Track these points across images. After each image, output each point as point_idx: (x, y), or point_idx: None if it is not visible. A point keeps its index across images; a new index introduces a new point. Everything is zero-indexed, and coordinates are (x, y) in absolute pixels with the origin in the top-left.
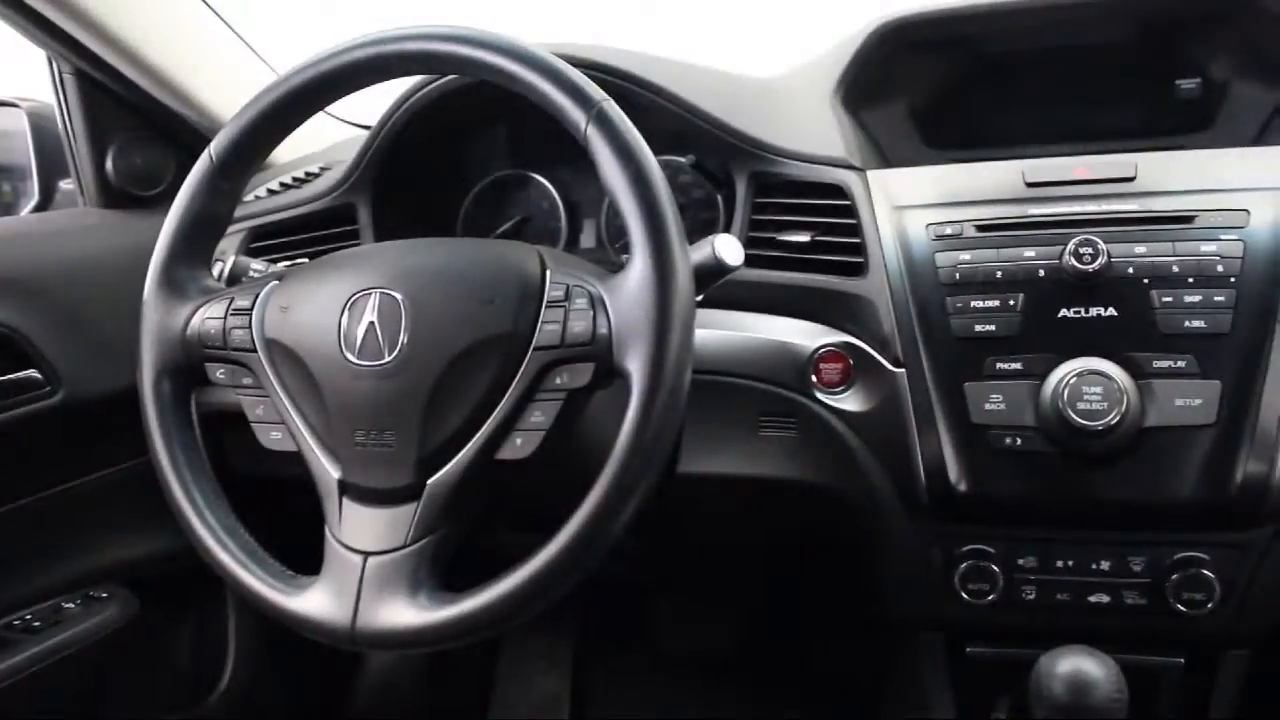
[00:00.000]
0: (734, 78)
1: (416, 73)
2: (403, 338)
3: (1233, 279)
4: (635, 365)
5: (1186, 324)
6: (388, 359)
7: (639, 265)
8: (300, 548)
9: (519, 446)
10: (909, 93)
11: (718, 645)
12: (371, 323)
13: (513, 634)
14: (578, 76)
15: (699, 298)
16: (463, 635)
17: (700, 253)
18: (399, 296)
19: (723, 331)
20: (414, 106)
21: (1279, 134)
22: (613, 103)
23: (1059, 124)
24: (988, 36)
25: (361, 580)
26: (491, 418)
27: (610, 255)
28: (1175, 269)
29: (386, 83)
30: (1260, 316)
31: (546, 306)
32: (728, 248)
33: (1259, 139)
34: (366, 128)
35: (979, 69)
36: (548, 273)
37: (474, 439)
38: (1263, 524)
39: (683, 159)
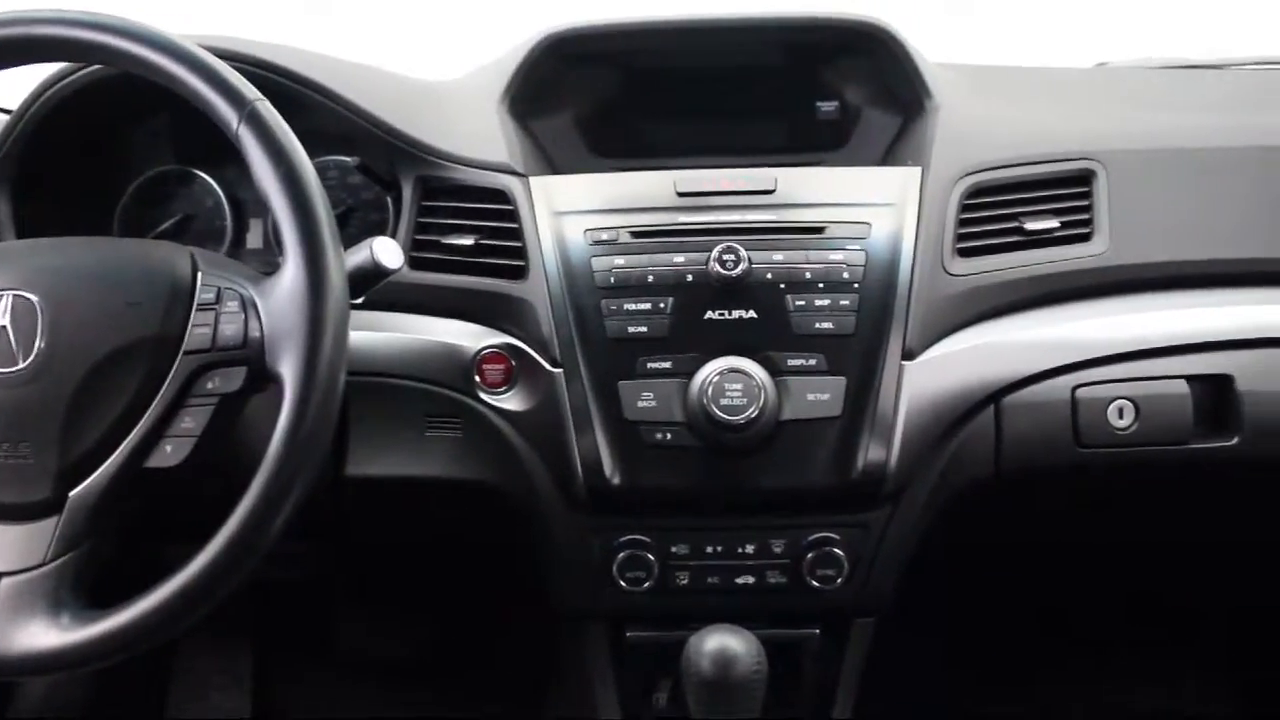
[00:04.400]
0: (402, 80)
1: (54, 59)
2: (39, 343)
3: (856, 285)
4: (288, 369)
5: (817, 325)
6: (21, 365)
7: (291, 268)
8: None
9: (169, 454)
10: (573, 103)
11: (404, 648)
12: (3, 326)
13: (186, 650)
14: (229, 74)
15: (359, 300)
16: (111, 654)
17: (358, 255)
18: (35, 299)
19: (387, 333)
20: (62, 92)
21: (900, 156)
22: (266, 103)
23: (713, 138)
24: (646, 52)
25: None
26: (139, 425)
27: (277, 257)
28: (808, 275)
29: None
30: (879, 318)
31: (197, 309)
32: (386, 251)
33: (884, 159)
34: (8, 112)
35: (639, 83)
36: (199, 274)
37: (120, 448)
38: (882, 505)
39: (350, 160)
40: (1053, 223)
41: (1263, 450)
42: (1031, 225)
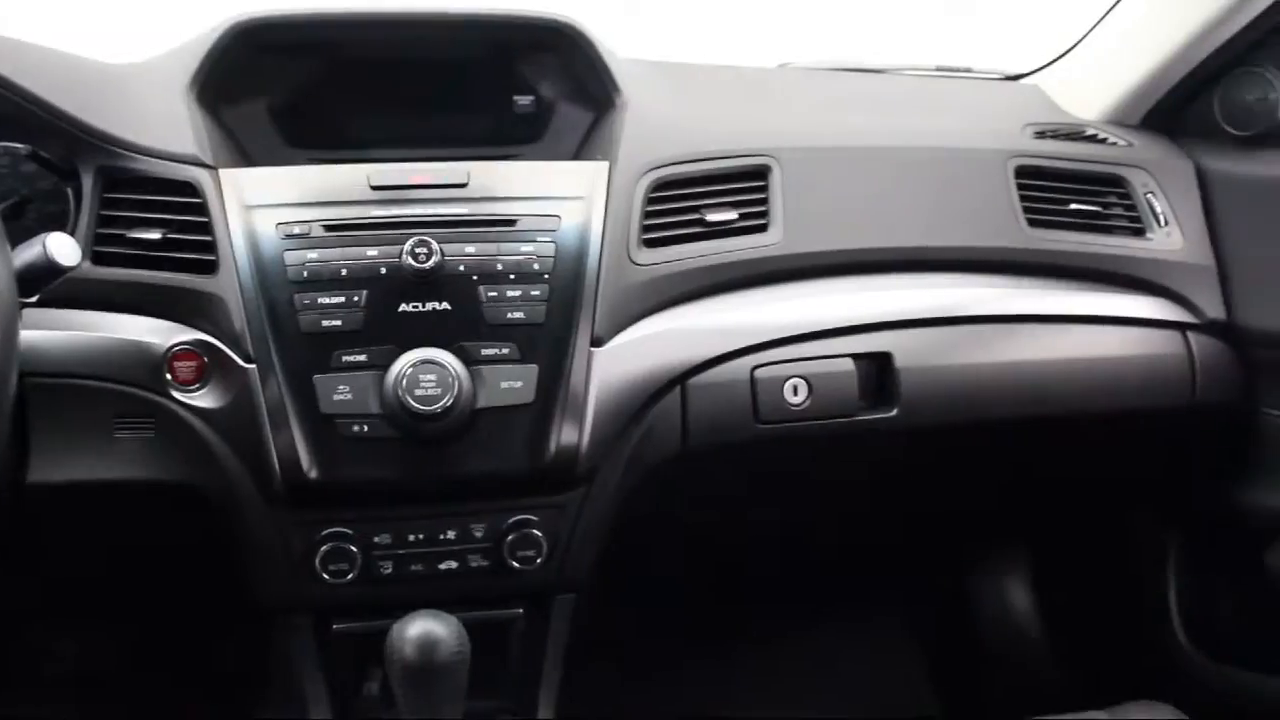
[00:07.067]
0: (79, 61)
1: None
2: None
3: (546, 276)
4: None
5: (509, 315)
6: None
7: None
8: None
9: None
10: (267, 92)
11: (106, 660)
12: None
13: None
14: None
15: (33, 299)
16: None
17: (30, 251)
18: None
19: (69, 332)
20: None
21: (592, 150)
22: None
23: (411, 130)
24: (341, 43)
25: None
26: None
27: None
28: (499, 267)
29: None
30: (568, 308)
31: None
32: (60, 247)
33: (577, 154)
34: None
35: (336, 73)
36: None
37: None
38: (577, 486)
39: (21, 147)
40: (731, 214)
41: (917, 420)
42: (712, 217)
